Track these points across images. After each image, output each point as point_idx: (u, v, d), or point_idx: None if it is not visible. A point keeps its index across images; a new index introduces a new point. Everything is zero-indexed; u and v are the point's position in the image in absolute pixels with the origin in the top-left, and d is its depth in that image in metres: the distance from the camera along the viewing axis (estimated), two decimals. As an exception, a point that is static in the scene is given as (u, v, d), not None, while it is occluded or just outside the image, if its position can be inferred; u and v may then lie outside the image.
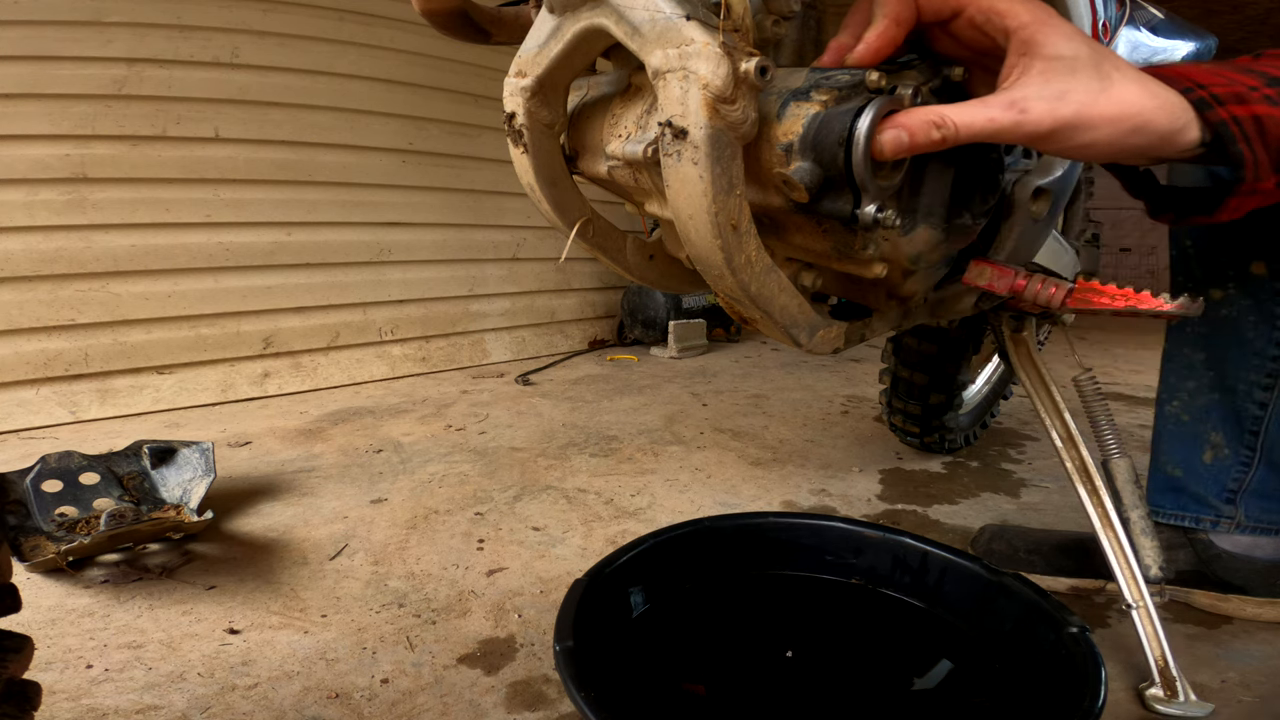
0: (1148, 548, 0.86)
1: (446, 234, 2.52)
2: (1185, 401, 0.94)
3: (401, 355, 2.36)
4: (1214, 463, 0.92)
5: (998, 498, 1.35)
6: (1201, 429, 0.93)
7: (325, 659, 0.85)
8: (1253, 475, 0.90)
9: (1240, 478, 0.91)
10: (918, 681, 0.70)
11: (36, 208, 1.76)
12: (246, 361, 2.06)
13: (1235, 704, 0.79)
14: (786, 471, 1.48)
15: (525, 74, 0.62)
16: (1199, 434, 0.93)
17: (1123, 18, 0.99)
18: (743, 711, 0.70)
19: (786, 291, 0.60)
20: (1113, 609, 0.97)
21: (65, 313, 1.80)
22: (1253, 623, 0.93)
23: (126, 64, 1.86)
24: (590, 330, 2.89)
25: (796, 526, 0.78)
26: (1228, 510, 0.92)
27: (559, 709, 0.77)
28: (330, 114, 2.21)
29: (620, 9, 0.52)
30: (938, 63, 0.58)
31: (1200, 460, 0.93)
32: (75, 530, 1.13)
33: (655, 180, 0.57)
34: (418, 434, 1.71)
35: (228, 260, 2.04)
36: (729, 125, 0.49)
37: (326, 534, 1.18)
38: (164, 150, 1.93)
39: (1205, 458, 0.93)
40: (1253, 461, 0.90)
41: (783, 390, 2.16)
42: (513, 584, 1.03)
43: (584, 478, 1.44)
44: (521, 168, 0.68)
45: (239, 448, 1.60)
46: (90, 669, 0.83)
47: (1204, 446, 0.93)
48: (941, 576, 0.72)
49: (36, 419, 1.72)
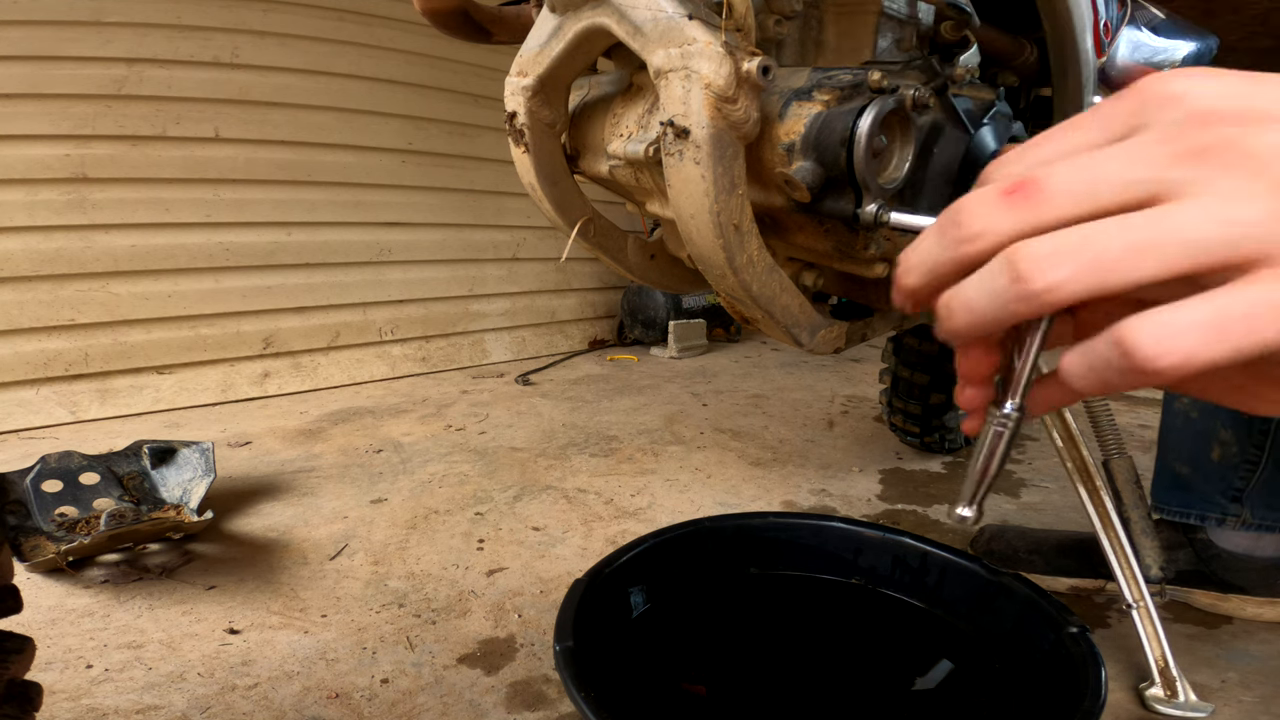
0: (1148, 547, 0.86)
1: (446, 234, 2.51)
2: (1195, 398, 0.94)
3: (401, 355, 2.36)
4: (1222, 460, 0.92)
5: (998, 498, 1.35)
6: (1210, 426, 0.92)
7: (325, 659, 0.85)
8: (1260, 474, 0.90)
9: (1248, 476, 0.91)
10: (918, 681, 0.70)
11: (36, 208, 1.76)
12: (246, 361, 2.06)
13: (1235, 704, 0.79)
14: (786, 471, 1.48)
15: (526, 73, 0.62)
16: (1208, 431, 0.93)
17: (1124, 18, 0.99)
18: (743, 711, 0.70)
19: (788, 291, 0.60)
20: (1113, 609, 0.97)
21: (65, 313, 1.79)
22: (1253, 623, 0.94)
23: (126, 64, 1.86)
24: (590, 330, 2.89)
25: (796, 526, 0.78)
26: (1233, 509, 0.92)
27: (559, 709, 0.77)
28: (330, 114, 2.21)
29: (622, 8, 0.52)
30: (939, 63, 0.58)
31: (1208, 457, 0.93)
32: (75, 530, 1.12)
33: (657, 180, 0.57)
34: (418, 434, 1.71)
35: (228, 260, 2.04)
36: (731, 125, 0.49)
37: (326, 534, 1.17)
38: (164, 150, 1.93)
39: (1213, 455, 0.92)
40: (1261, 460, 0.90)
41: (783, 390, 2.16)
42: (513, 584, 1.03)
43: (584, 478, 1.44)
44: (523, 167, 0.68)
45: (239, 448, 1.60)
46: (90, 669, 0.82)
47: (1212, 444, 0.92)
48: (941, 576, 0.72)
49: (36, 419, 1.72)
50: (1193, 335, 0.19)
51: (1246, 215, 0.19)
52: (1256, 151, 0.19)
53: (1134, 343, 0.20)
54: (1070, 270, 0.20)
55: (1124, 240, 0.20)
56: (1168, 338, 0.19)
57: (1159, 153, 0.21)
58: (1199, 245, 0.19)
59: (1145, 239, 0.20)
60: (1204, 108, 0.21)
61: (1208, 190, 0.20)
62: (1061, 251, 0.21)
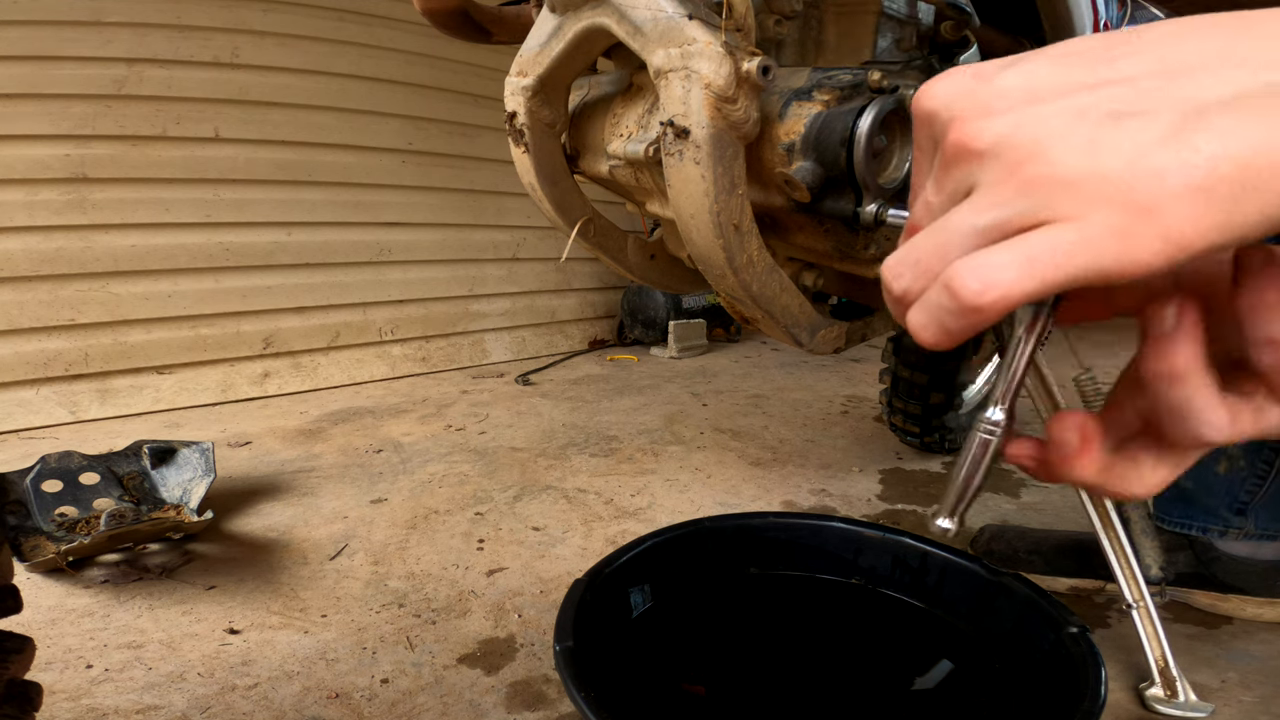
0: (1148, 548, 0.86)
1: (446, 234, 2.51)
2: None
3: (401, 355, 2.36)
4: (1228, 474, 0.91)
5: (998, 498, 1.35)
6: None
7: (325, 659, 0.85)
8: (1267, 488, 0.89)
9: (1254, 490, 0.90)
10: (918, 681, 0.70)
11: (36, 208, 1.76)
12: (246, 361, 2.06)
13: (1235, 704, 0.79)
14: (786, 471, 1.48)
15: (526, 73, 0.62)
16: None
17: (1124, 18, 0.99)
18: (743, 712, 0.70)
19: (788, 291, 0.60)
20: (1113, 609, 0.97)
21: (65, 313, 1.79)
22: (1253, 623, 0.93)
23: (126, 64, 1.86)
24: (590, 330, 2.89)
25: (796, 526, 0.78)
26: (1236, 521, 0.91)
27: (559, 709, 0.77)
28: (330, 114, 2.21)
29: (622, 8, 0.52)
30: (939, 62, 0.58)
31: (1213, 471, 0.92)
32: (75, 530, 1.12)
33: (657, 180, 0.57)
34: (418, 434, 1.71)
35: (228, 260, 2.04)
36: (731, 125, 0.49)
37: (326, 534, 1.17)
38: (164, 150, 1.93)
39: (1219, 469, 0.91)
40: (1268, 475, 0.89)
41: (783, 390, 2.16)
42: (513, 584, 1.03)
43: (584, 478, 1.44)
44: (523, 167, 0.68)
45: (239, 448, 1.60)
46: (90, 669, 0.82)
47: (1219, 458, 0.91)
48: (941, 576, 0.72)
49: (36, 419, 1.72)
50: (1005, 271, 0.22)
51: (1001, 196, 0.23)
52: (991, 147, 0.23)
53: (961, 284, 0.22)
54: (909, 277, 0.25)
55: (932, 243, 0.24)
56: (986, 275, 0.22)
57: (940, 169, 0.25)
58: (981, 230, 0.23)
59: (944, 238, 0.24)
60: (944, 113, 0.25)
61: (975, 187, 0.24)
62: (899, 263, 0.26)
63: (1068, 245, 0.21)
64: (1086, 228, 0.21)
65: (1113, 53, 0.23)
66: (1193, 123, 0.21)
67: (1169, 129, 0.21)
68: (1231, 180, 0.20)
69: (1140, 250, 0.21)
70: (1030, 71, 0.24)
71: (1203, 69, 0.21)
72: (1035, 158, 0.22)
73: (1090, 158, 0.21)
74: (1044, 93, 0.23)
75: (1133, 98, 0.22)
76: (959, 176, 0.24)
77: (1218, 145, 0.20)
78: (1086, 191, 0.21)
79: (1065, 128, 0.22)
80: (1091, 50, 0.23)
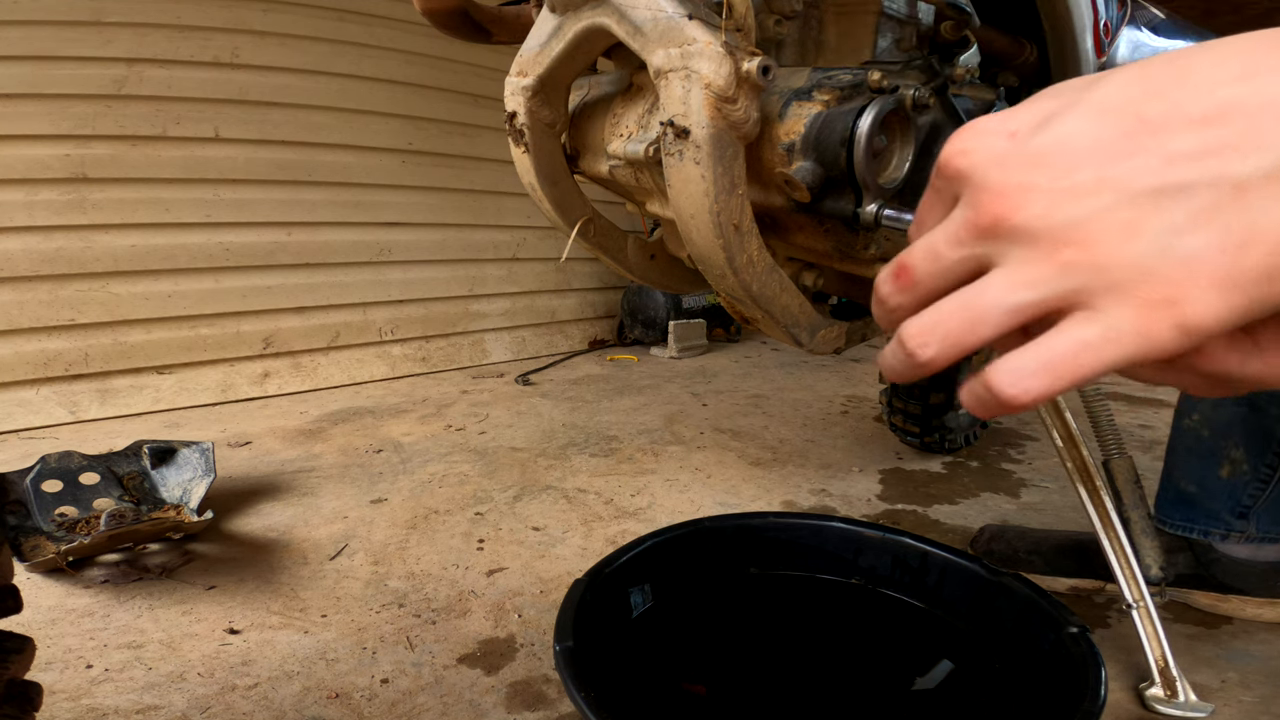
0: (1148, 548, 0.86)
1: (446, 234, 2.51)
2: (1206, 415, 0.93)
3: (401, 355, 2.36)
4: (1231, 478, 0.91)
5: (998, 498, 1.35)
6: (1222, 445, 0.91)
7: (325, 659, 0.85)
8: (1270, 492, 0.90)
9: (1257, 494, 0.90)
10: (918, 681, 0.70)
11: (36, 208, 1.76)
12: (246, 361, 2.06)
13: (1235, 704, 0.79)
14: (786, 471, 1.48)
15: (526, 73, 0.62)
16: (1218, 449, 0.92)
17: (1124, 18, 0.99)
18: (743, 711, 0.70)
19: (788, 291, 0.60)
20: (1113, 609, 0.97)
21: (65, 313, 1.79)
22: (1253, 623, 0.94)
23: (126, 64, 1.86)
24: (590, 330, 2.89)
25: (796, 526, 0.78)
26: (1239, 525, 0.91)
27: (559, 709, 0.77)
28: (330, 114, 2.21)
29: (622, 8, 0.52)
30: (939, 62, 0.58)
31: (1216, 476, 0.92)
32: (75, 530, 1.12)
33: (657, 180, 0.57)
34: (418, 434, 1.71)
35: (228, 260, 2.04)
36: (731, 125, 0.49)
37: (326, 534, 1.17)
38: (164, 150, 1.93)
39: (1222, 473, 0.91)
40: (1271, 479, 0.89)
41: (783, 390, 2.16)
42: (513, 584, 1.03)
43: (584, 478, 1.44)
44: (523, 167, 0.68)
45: (239, 448, 1.60)
46: (90, 669, 0.82)
47: (1222, 462, 0.91)
48: (941, 576, 0.72)
49: (36, 419, 1.72)
50: (1036, 379, 0.24)
51: (1037, 275, 0.23)
52: (1028, 224, 0.23)
53: (997, 387, 0.24)
54: (936, 347, 0.26)
55: (962, 317, 0.25)
56: (1018, 381, 0.24)
57: (965, 230, 0.25)
58: (1015, 309, 0.24)
59: (976, 313, 0.25)
60: (978, 179, 0.25)
61: (1004, 259, 0.24)
62: (925, 331, 0.26)
63: (1093, 346, 0.22)
64: (1111, 322, 0.22)
65: (1154, 109, 0.22)
66: (1229, 203, 0.21)
67: (1206, 209, 0.21)
68: (1260, 268, 0.20)
69: (1156, 340, 0.22)
70: (1068, 136, 0.23)
71: (1250, 133, 0.20)
72: (1073, 243, 0.22)
73: (1126, 244, 0.22)
74: (1083, 162, 0.23)
75: (1173, 172, 0.21)
76: (987, 248, 0.25)
77: (1250, 231, 0.20)
78: (1118, 279, 0.22)
79: (1104, 210, 0.22)
80: (1131, 104, 0.23)
